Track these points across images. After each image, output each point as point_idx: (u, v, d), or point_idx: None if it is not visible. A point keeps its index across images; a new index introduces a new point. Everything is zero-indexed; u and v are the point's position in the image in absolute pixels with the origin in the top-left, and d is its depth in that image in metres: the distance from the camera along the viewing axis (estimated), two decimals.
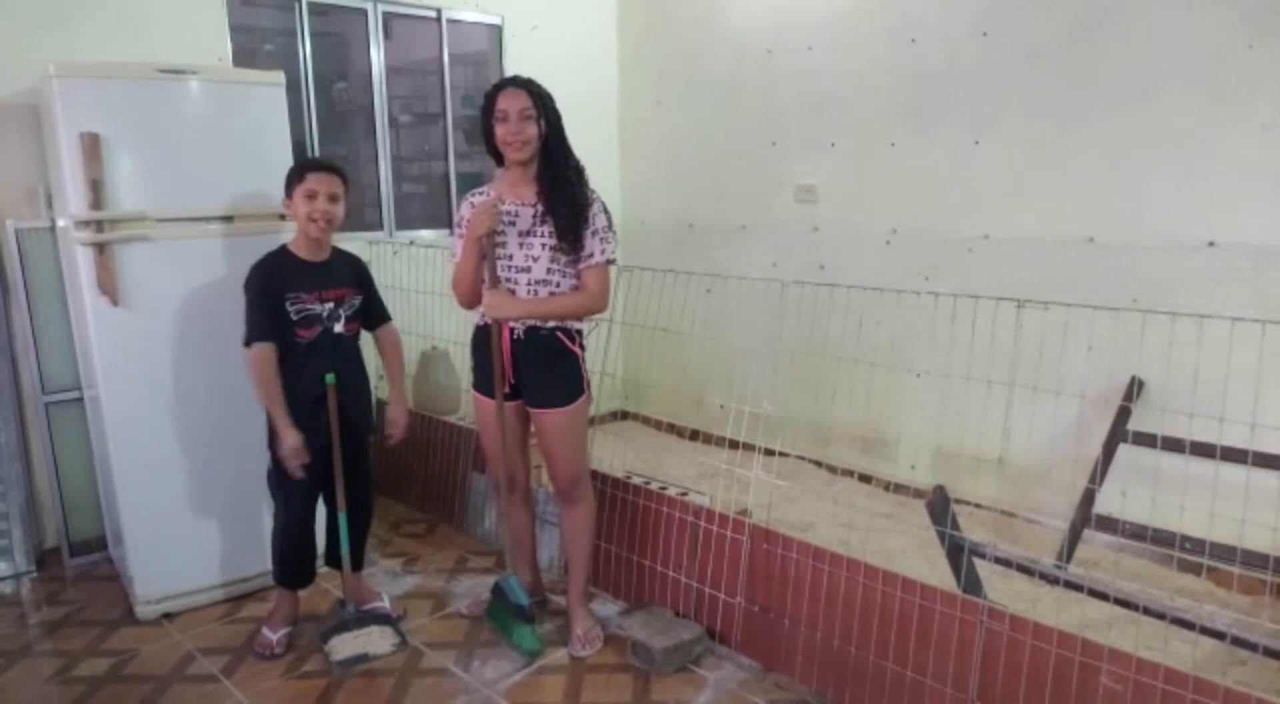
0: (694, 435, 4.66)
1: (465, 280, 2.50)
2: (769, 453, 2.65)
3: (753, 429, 2.66)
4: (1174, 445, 2.60)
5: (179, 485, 2.85)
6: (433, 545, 3.44)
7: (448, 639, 2.73)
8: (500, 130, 2.41)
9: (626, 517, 2.90)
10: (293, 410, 2.52)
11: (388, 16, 4.20)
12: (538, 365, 2.50)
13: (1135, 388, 3.11)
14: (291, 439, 2.48)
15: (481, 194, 2.56)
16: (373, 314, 2.74)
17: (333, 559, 2.82)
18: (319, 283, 2.57)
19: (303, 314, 2.54)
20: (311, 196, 2.49)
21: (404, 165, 4.51)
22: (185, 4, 3.49)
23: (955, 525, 2.36)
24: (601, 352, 3.03)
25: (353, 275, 2.67)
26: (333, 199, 2.51)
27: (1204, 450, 2.52)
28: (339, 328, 2.61)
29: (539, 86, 2.43)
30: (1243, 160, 2.97)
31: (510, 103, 2.38)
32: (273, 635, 2.66)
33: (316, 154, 3.91)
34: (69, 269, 2.96)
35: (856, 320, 2.69)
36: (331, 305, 2.59)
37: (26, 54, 3.04)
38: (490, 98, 2.43)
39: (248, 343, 2.51)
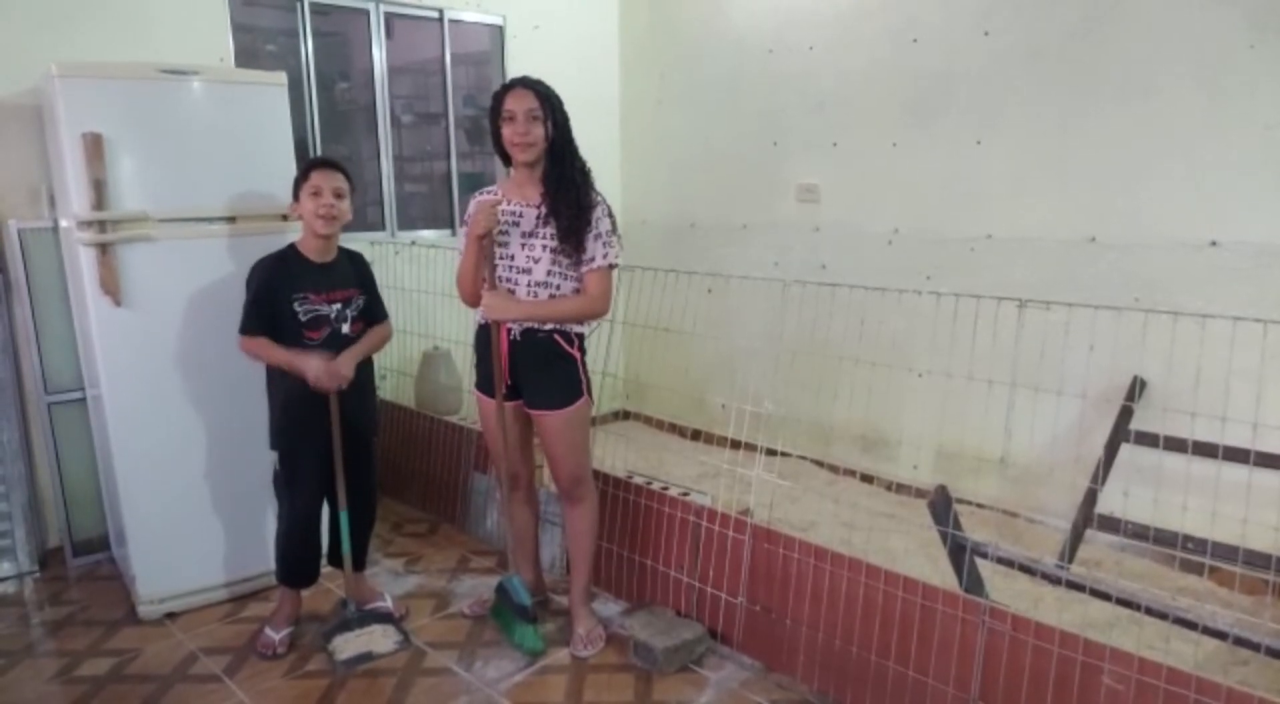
0: (695, 435, 4.66)
1: (467, 279, 2.51)
2: (770, 452, 2.65)
3: (754, 429, 2.66)
4: (1176, 445, 2.60)
5: (181, 485, 2.85)
6: (434, 545, 3.45)
7: (450, 639, 2.73)
8: (507, 131, 2.41)
9: (628, 517, 2.90)
10: (296, 410, 2.54)
11: (389, 16, 4.21)
12: (535, 367, 2.50)
13: (1137, 387, 3.11)
14: (313, 362, 2.46)
15: (489, 194, 2.56)
16: (372, 314, 2.75)
17: (334, 558, 2.82)
18: (327, 284, 2.58)
19: (311, 315, 2.54)
20: (317, 193, 2.50)
21: (406, 165, 4.51)
22: (187, 4, 3.49)
23: (957, 525, 2.36)
24: (603, 351, 3.04)
25: (357, 275, 2.68)
26: (338, 195, 2.52)
27: (1206, 450, 2.52)
28: (346, 328, 2.61)
29: (547, 87, 2.43)
30: (1244, 160, 2.97)
31: (518, 103, 2.38)
32: (275, 635, 2.66)
33: (319, 154, 3.91)
34: (71, 269, 2.96)
35: (858, 320, 2.69)
36: (339, 306, 2.59)
37: (28, 54, 3.04)
38: (498, 98, 2.43)
39: (243, 332, 2.52)
